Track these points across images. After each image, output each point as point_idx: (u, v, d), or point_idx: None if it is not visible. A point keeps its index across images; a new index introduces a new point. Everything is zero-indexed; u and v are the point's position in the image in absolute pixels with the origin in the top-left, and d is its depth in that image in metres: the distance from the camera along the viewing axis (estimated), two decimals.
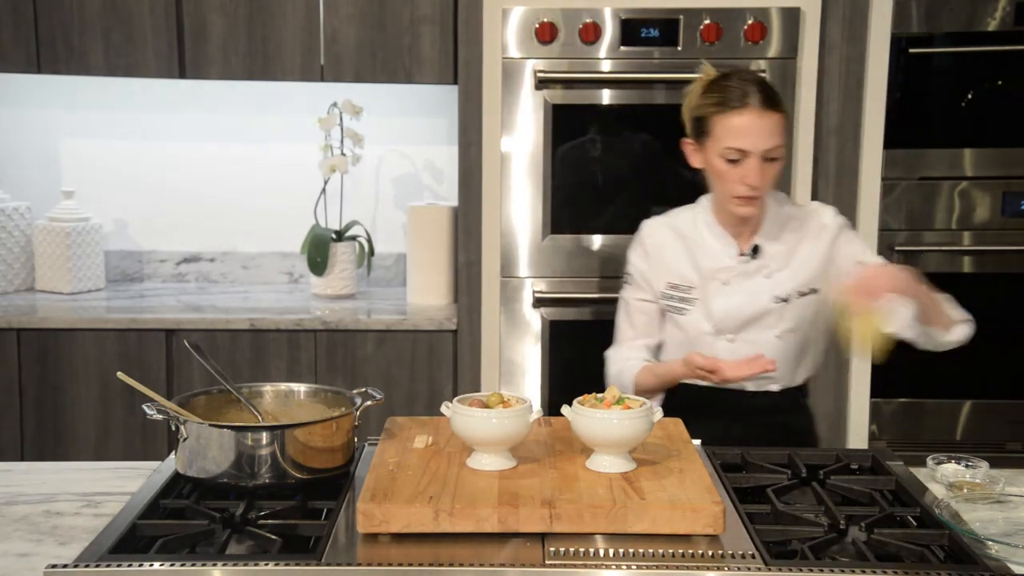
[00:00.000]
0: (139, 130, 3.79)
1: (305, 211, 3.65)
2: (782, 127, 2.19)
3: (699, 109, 2.22)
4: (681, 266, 2.32)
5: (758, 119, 2.14)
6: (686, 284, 2.31)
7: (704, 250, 2.31)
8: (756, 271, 2.29)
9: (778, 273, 2.29)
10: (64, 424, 3.28)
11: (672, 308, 2.34)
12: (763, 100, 2.15)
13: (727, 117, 2.16)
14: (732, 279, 2.29)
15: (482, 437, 1.84)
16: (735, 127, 2.15)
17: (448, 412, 1.89)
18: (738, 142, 2.15)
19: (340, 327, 3.28)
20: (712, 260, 2.30)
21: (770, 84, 2.23)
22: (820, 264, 2.30)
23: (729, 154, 2.17)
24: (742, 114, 2.14)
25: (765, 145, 2.15)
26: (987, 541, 1.65)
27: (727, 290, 2.29)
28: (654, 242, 2.36)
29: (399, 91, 3.66)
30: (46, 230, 3.57)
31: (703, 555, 1.61)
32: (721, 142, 2.17)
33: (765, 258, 2.29)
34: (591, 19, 3.18)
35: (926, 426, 3.39)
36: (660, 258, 2.34)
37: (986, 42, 3.23)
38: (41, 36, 3.36)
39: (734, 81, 2.19)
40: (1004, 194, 3.30)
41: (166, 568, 1.54)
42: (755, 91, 2.15)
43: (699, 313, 2.31)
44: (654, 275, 2.35)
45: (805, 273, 2.30)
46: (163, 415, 1.84)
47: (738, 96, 2.16)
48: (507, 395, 1.92)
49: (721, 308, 2.29)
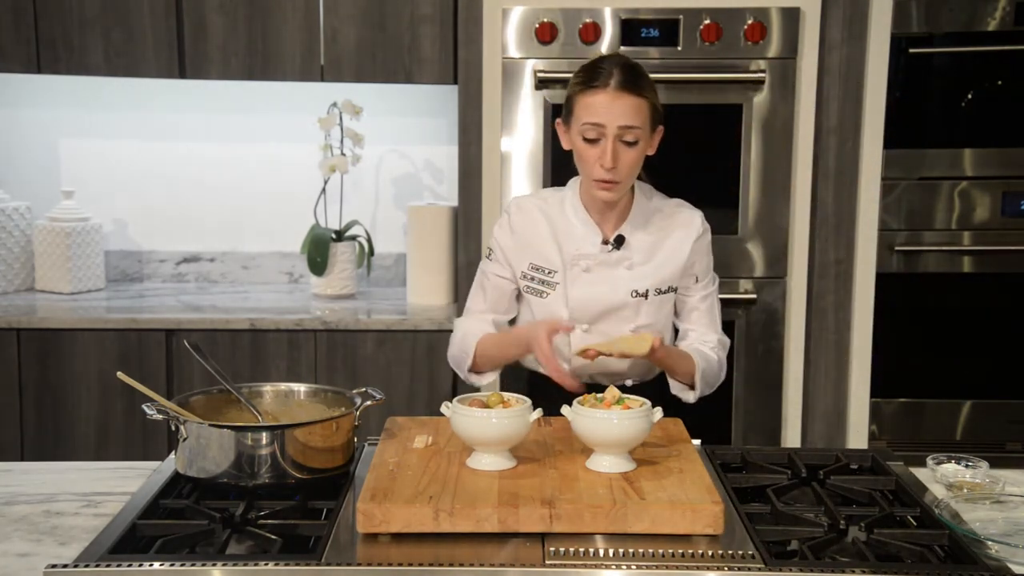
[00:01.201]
0: (139, 130, 3.79)
1: (305, 211, 3.65)
2: (643, 112, 2.16)
3: (568, 90, 2.24)
4: (545, 248, 2.30)
5: (615, 98, 2.14)
6: (548, 267, 2.29)
7: (569, 234, 2.29)
8: (618, 262, 2.28)
9: (640, 267, 2.28)
10: (64, 424, 3.28)
11: (532, 290, 2.32)
12: (623, 81, 2.14)
13: (586, 95, 2.17)
14: (593, 267, 2.28)
15: (482, 437, 1.84)
16: (591, 104, 2.16)
17: (448, 412, 1.90)
18: (593, 117, 2.15)
19: (340, 327, 3.28)
20: (575, 245, 2.28)
21: (638, 69, 2.20)
22: (680, 265, 2.31)
23: (586, 131, 2.17)
24: (599, 93, 2.15)
25: (618, 122, 2.14)
26: (987, 541, 1.65)
27: (587, 278, 2.28)
28: (521, 220, 2.33)
29: (399, 91, 3.66)
30: (46, 230, 3.57)
31: (703, 555, 1.61)
32: (580, 119, 2.18)
33: (628, 250, 2.28)
34: (591, 19, 3.18)
35: (926, 426, 3.39)
36: (525, 238, 2.32)
37: (986, 42, 3.23)
38: (41, 36, 3.36)
39: (603, 63, 2.19)
40: (1004, 194, 3.30)
41: (166, 568, 1.54)
42: (617, 72, 2.15)
43: (558, 298, 2.29)
44: (517, 254, 2.32)
45: (666, 271, 2.30)
46: (163, 415, 1.85)
47: (600, 75, 2.16)
48: (507, 395, 1.92)
49: (579, 297, 2.28)
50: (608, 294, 2.27)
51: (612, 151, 2.15)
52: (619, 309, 2.28)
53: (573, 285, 2.28)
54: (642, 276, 2.28)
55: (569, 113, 2.23)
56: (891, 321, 3.34)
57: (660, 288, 2.29)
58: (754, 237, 3.29)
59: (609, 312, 2.28)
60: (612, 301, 2.27)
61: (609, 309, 2.28)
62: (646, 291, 2.28)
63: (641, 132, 2.17)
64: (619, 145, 2.16)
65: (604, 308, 2.28)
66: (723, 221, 3.30)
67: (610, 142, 2.15)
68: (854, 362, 3.33)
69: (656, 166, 3.30)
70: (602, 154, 2.15)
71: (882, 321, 3.32)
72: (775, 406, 3.36)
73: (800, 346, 3.32)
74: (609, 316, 2.28)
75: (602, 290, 2.27)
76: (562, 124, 2.27)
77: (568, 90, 2.24)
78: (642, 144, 2.19)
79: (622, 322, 2.28)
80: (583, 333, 2.28)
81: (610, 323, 2.28)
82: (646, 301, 2.28)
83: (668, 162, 3.32)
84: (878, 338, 3.32)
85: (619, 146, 2.16)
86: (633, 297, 2.27)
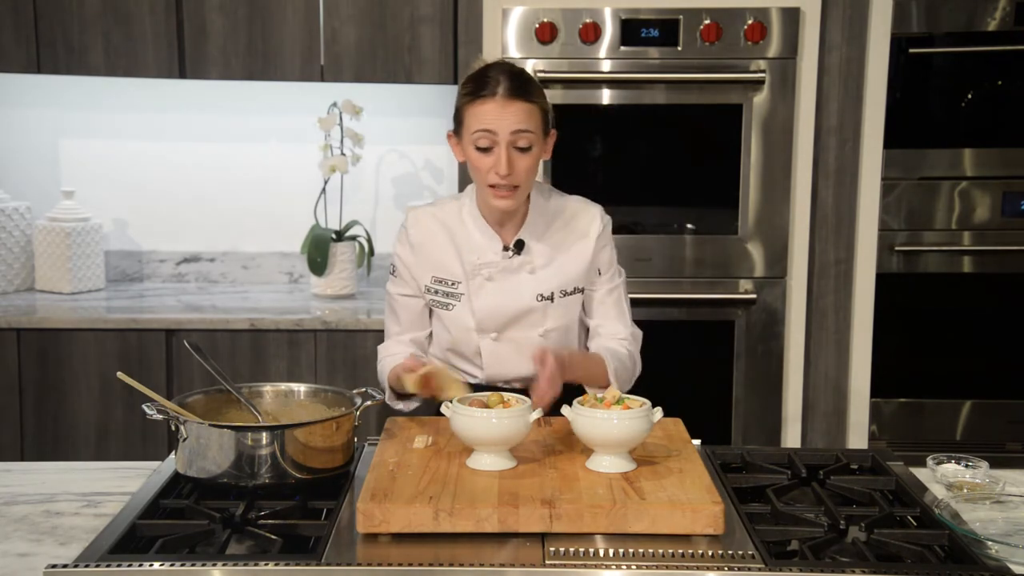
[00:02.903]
0: (139, 130, 3.79)
1: (305, 211, 3.65)
2: (534, 117, 2.15)
3: (457, 101, 2.22)
4: (446, 259, 2.28)
5: (505, 105, 2.12)
6: (451, 279, 2.27)
7: (468, 244, 2.27)
8: (519, 267, 2.26)
9: (542, 270, 2.27)
10: (64, 424, 3.28)
11: (437, 303, 2.30)
12: (511, 88, 2.13)
13: (475, 104, 2.15)
14: (495, 275, 2.26)
15: (482, 437, 1.84)
16: (481, 112, 2.14)
17: (448, 412, 1.90)
18: (484, 125, 2.14)
19: (340, 327, 3.28)
20: (476, 254, 2.26)
21: (525, 75, 2.20)
22: (585, 263, 2.29)
23: (478, 139, 2.15)
24: (487, 101, 2.13)
25: (510, 128, 2.13)
26: (987, 541, 1.65)
27: (490, 287, 2.26)
28: (419, 233, 2.30)
29: (399, 91, 3.66)
30: (46, 230, 3.57)
31: (703, 555, 1.61)
32: (471, 128, 2.16)
33: (529, 254, 2.27)
34: (591, 19, 3.18)
35: (926, 426, 3.39)
36: (425, 251, 2.30)
37: (986, 42, 3.24)
38: (41, 36, 3.36)
39: (489, 71, 2.18)
40: (1004, 194, 3.30)
41: (166, 568, 1.54)
42: (504, 79, 2.14)
43: (463, 309, 2.27)
44: (419, 269, 2.30)
45: (569, 271, 2.28)
46: (163, 415, 1.85)
47: (487, 84, 2.15)
48: (507, 395, 1.93)
49: (484, 306, 2.25)
50: (513, 301, 2.25)
51: (507, 158, 2.13)
52: (526, 314, 2.26)
53: (477, 295, 2.26)
54: (545, 279, 2.26)
55: (459, 124, 2.21)
56: (891, 321, 3.34)
57: (565, 289, 2.27)
58: (754, 237, 3.29)
59: (516, 318, 2.26)
60: (518, 307, 2.25)
61: (516, 315, 2.26)
62: (551, 294, 2.26)
63: (534, 136, 2.15)
64: (513, 152, 2.15)
65: (511, 315, 2.26)
66: (723, 221, 3.31)
67: (503, 149, 2.13)
68: (854, 362, 3.33)
69: (656, 166, 3.31)
70: (496, 162, 2.14)
71: (882, 321, 3.32)
72: (775, 406, 3.36)
73: (800, 346, 3.33)
74: (516, 322, 2.26)
75: (506, 298, 2.25)
76: (453, 136, 2.25)
77: (456, 101, 2.22)
78: (536, 149, 2.17)
79: (530, 327, 2.27)
80: (492, 342, 2.27)
81: (518, 329, 2.27)
82: (552, 304, 2.26)
83: (668, 162, 3.34)
84: (878, 338, 3.32)
85: (513, 152, 2.15)
86: (539, 301, 2.26)
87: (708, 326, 3.34)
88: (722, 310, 3.33)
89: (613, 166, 3.29)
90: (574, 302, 2.30)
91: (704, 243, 3.31)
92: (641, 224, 3.33)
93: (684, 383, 3.24)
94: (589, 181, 3.29)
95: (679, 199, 3.36)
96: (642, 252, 3.31)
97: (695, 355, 3.34)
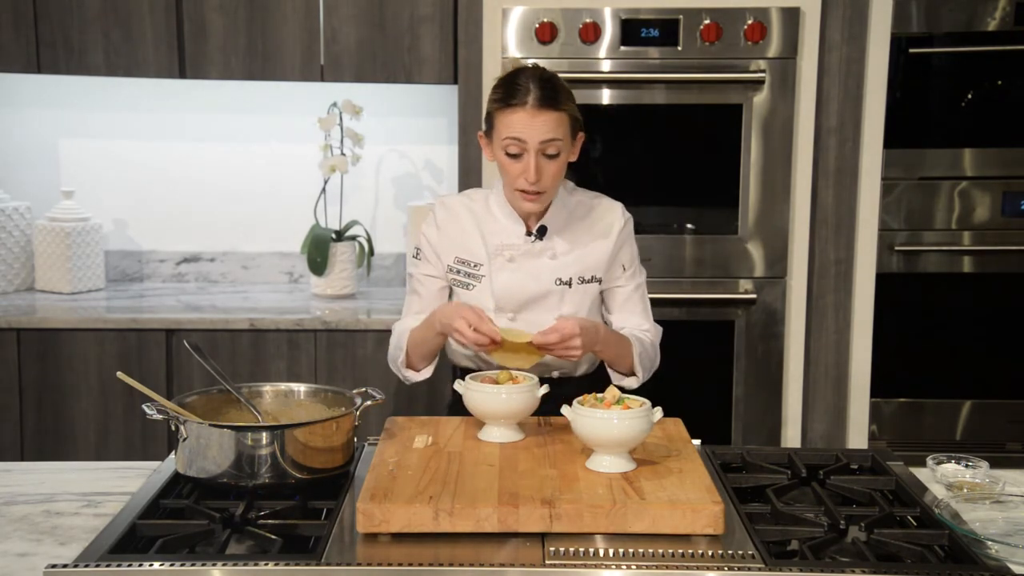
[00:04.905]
0: (139, 130, 3.79)
1: (305, 211, 3.65)
2: (563, 125, 2.21)
3: (488, 105, 2.27)
4: (470, 241, 2.34)
5: (535, 115, 2.17)
6: (473, 260, 2.34)
7: (493, 228, 2.34)
8: (541, 252, 2.32)
9: (563, 256, 2.32)
10: (64, 424, 3.28)
11: (459, 283, 2.36)
12: (540, 97, 2.18)
13: (505, 112, 2.20)
14: (517, 257, 2.32)
15: (493, 411, 2.00)
16: (511, 121, 2.19)
17: (461, 389, 2.05)
18: (514, 133, 2.18)
19: (340, 327, 3.28)
20: (499, 237, 2.33)
21: (554, 81, 2.24)
22: (605, 257, 2.34)
23: (508, 146, 2.20)
24: (518, 110, 2.18)
25: (539, 137, 2.18)
26: (987, 541, 1.65)
27: (511, 267, 2.32)
28: (446, 215, 2.38)
29: (399, 91, 3.66)
30: (46, 230, 3.57)
31: (703, 555, 1.61)
32: (501, 135, 2.21)
33: (551, 240, 2.33)
34: (591, 19, 3.18)
35: (926, 426, 3.39)
36: (450, 232, 2.36)
37: (986, 42, 3.23)
38: (41, 36, 3.36)
39: (519, 78, 2.22)
40: (1004, 194, 3.30)
41: (166, 568, 1.54)
42: (535, 88, 2.18)
43: (484, 290, 2.33)
44: (443, 248, 2.36)
45: (589, 260, 2.33)
46: (163, 415, 1.85)
47: (517, 92, 2.19)
48: (516, 373, 2.07)
49: (503, 285, 2.31)
50: (532, 283, 2.31)
51: (536, 166, 2.19)
52: (543, 297, 2.32)
53: (498, 275, 2.32)
54: (565, 265, 2.32)
55: (490, 127, 2.26)
56: (891, 321, 3.34)
57: (584, 277, 2.33)
58: (754, 237, 3.29)
59: (534, 300, 2.32)
60: (536, 290, 2.31)
61: (534, 297, 2.32)
62: (569, 279, 2.32)
63: (562, 144, 2.21)
64: (541, 159, 2.20)
65: (528, 296, 2.31)
66: (723, 221, 3.31)
67: (532, 157, 2.19)
68: (854, 362, 3.33)
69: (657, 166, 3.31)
70: (525, 169, 2.20)
71: (882, 321, 3.32)
72: (775, 406, 3.36)
73: (800, 346, 3.33)
74: (534, 304, 2.32)
75: (526, 278, 2.31)
76: (484, 137, 2.30)
77: (487, 105, 2.27)
78: (564, 155, 2.23)
79: (546, 310, 2.31)
80: (508, 322, 2.31)
81: (535, 312, 2.32)
82: (570, 289, 2.32)
83: (668, 162, 3.33)
84: (878, 338, 3.32)
85: (541, 160, 2.20)
86: (557, 285, 2.31)
87: (708, 326, 3.34)
88: (722, 310, 3.33)
89: (613, 166, 3.29)
90: (591, 290, 2.35)
91: (704, 243, 3.31)
92: (641, 224, 3.29)
93: (684, 383, 3.23)
94: (589, 181, 3.27)
95: (679, 199, 3.36)
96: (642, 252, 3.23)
97: (695, 355, 3.34)
